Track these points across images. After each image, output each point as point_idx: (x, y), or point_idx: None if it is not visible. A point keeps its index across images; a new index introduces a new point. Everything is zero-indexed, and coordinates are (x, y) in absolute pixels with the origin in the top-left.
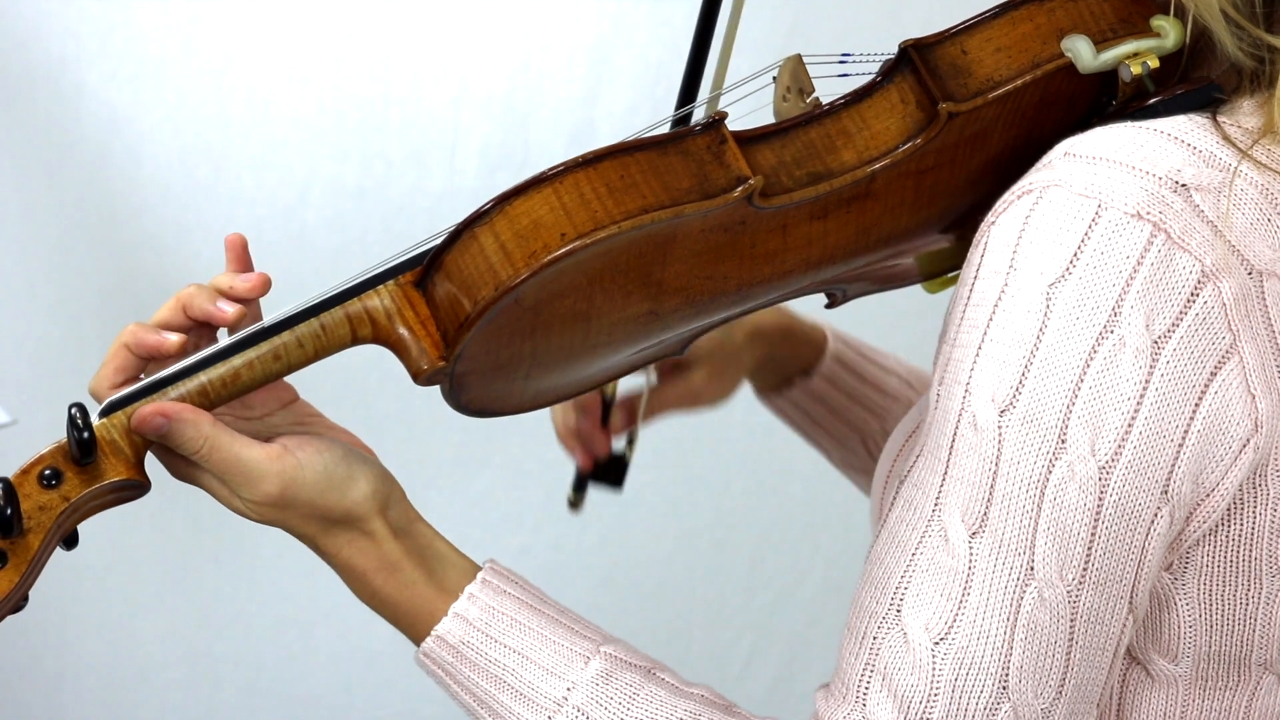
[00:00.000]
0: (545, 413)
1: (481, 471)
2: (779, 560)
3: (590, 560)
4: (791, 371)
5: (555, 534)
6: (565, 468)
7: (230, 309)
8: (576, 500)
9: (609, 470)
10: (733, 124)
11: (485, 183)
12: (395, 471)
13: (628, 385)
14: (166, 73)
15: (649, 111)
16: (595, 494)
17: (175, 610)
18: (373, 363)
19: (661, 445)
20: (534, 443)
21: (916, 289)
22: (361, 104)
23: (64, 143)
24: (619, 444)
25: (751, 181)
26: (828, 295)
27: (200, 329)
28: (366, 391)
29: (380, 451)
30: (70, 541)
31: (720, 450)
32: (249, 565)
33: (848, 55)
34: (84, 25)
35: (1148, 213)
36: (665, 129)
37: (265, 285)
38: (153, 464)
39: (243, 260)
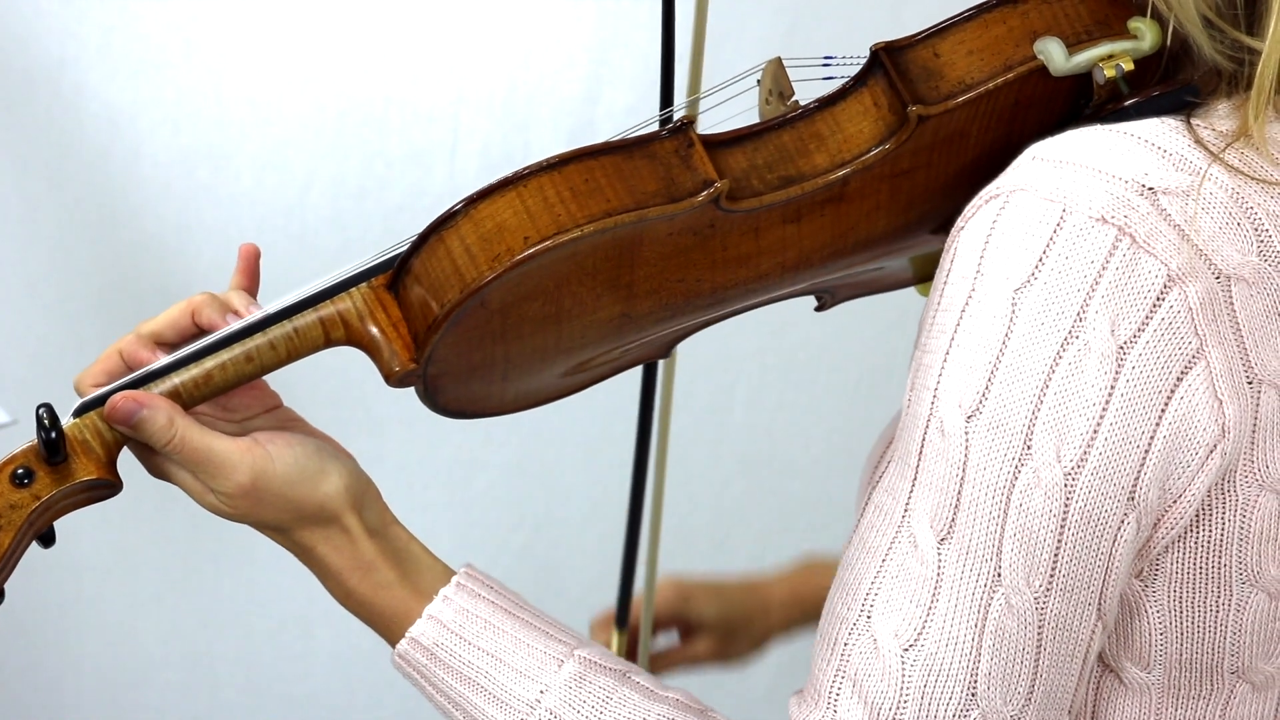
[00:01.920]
0: (545, 414)
1: (481, 471)
2: (779, 560)
3: (590, 560)
4: None
5: (555, 534)
6: (566, 468)
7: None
8: None
9: None
10: (718, 127)
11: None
12: (395, 472)
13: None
14: (166, 73)
15: (649, 111)
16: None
17: (175, 610)
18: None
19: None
20: (534, 443)
21: (911, 292)
22: (361, 104)
23: (64, 143)
24: None
25: (718, 185)
26: (816, 298)
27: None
28: (366, 392)
29: (380, 452)
30: (46, 539)
31: (720, 450)
32: (249, 565)
33: (830, 58)
34: (84, 25)
35: (1112, 217)
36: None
37: None
38: (131, 464)
39: (252, 273)
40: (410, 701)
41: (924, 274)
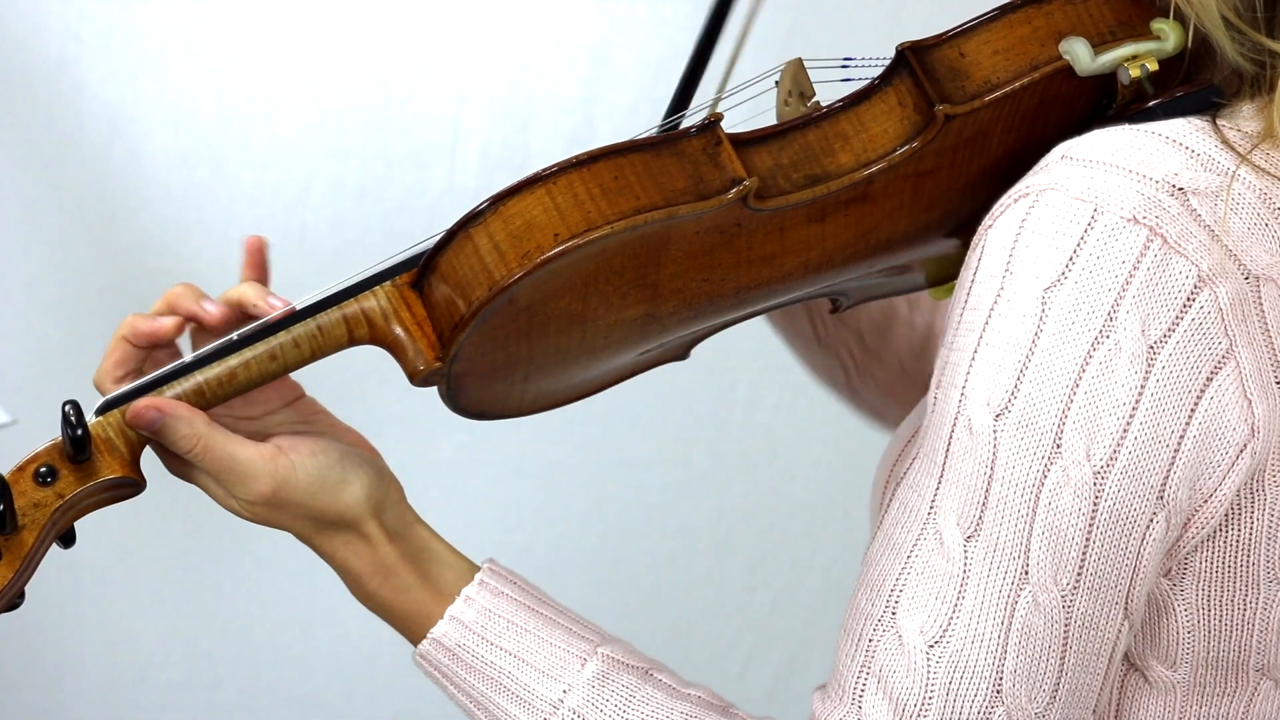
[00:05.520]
0: (545, 413)
1: (481, 471)
2: (779, 560)
3: (590, 560)
4: None
5: (555, 534)
6: (566, 468)
7: (213, 310)
8: None
9: None
10: (736, 128)
11: (485, 182)
12: (395, 472)
13: None
14: (166, 73)
15: (649, 112)
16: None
17: (175, 610)
18: (374, 364)
19: (662, 445)
20: (534, 443)
21: (920, 295)
22: (361, 104)
23: (64, 143)
24: None
25: (746, 183)
26: (831, 301)
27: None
28: (367, 392)
29: (380, 451)
30: (67, 539)
31: (720, 450)
32: (249, 565)
33: (850, 59)
34: (84, 25)
35: (1144, 217)
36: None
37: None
38: (151, 463)
39: (258, 266)
40: (411, 702)
41: (935, 278)
